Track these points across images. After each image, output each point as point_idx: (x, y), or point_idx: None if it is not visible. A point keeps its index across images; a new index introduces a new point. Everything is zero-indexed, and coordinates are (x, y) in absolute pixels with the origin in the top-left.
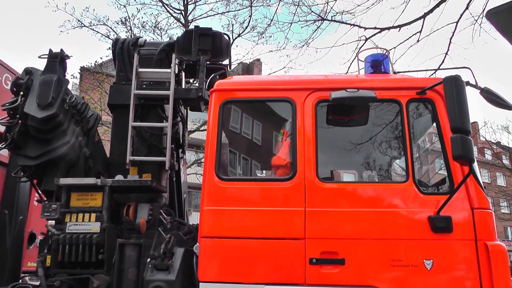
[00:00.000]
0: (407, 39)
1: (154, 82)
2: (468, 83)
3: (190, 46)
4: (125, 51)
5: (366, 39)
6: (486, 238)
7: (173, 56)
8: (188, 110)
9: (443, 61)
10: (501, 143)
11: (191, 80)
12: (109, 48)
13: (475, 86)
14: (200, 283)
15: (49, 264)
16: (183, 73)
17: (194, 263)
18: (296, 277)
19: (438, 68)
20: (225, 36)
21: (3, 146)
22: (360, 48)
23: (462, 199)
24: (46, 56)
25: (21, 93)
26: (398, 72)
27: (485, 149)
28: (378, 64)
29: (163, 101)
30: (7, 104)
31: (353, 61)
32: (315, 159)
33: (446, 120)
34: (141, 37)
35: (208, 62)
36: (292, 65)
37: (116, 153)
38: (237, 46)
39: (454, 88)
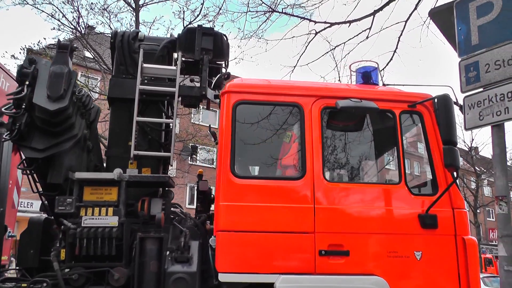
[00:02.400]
0: (357, 35)
1: (154, 77)
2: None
3: (192, 44)
4: (125, 44)
5: (316, 33)
6: (463, 233)
7: (179, 54)
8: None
9: (391, 59)
10: None
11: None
12: (54, 28)
13: (456, 103)
14: (219, 274)
15: (64, 258)
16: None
17: (210, 256)
18: (307, 267)
19: (423, 85)
20: (225, 37)
21: (8, 137)
22: (309, 41)
23: (445, 200)
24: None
25: (27, 82)
26: (388, 85)
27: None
28: (368, 75)
29: (165, 97)
30: (13, 94)
31: (302, 54)
32: (321, 161)
33: (432, 131)
34: (140, 31)
35: None
36: (243, 57)
37: (114, 146)
38: None
39: (444, 105)
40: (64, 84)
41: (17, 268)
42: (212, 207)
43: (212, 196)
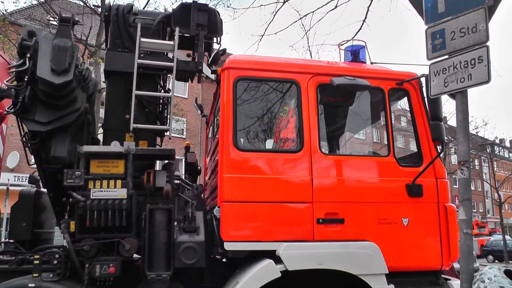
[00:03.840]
0: (326, 4)
1: (150, 52)
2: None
3: (187, 19)
4: (120, 18)
5: (284, 2)
6: (445, 201)
7: (177, 29)
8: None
9: (360, 28)
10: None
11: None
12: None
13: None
14: (224, 243)
15: (73, 230)
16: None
17: (215, 225)
18: (306, 234)
19: (410, 64)
20: (218, 14)
21: (11, 110)
22: (277, 10)
23: (429, 171)
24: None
25: (28, 55)
26: (375, 63)
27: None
28: (356, 53)
29: (161, 71)
30: (15, 67)
31: (270, 22)
32: (317, 135)
33: (417, 107)
34: (134, 5)
35: None
36: None
37: (111, 119)
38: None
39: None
40: (68, 58)
41: (10, 241)
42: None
43: (199, 168)
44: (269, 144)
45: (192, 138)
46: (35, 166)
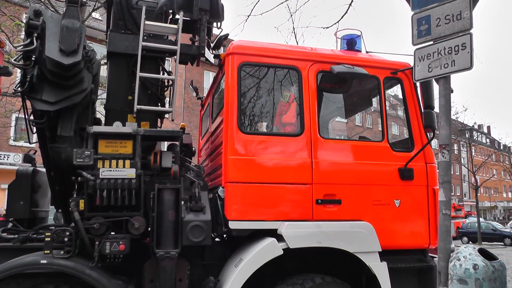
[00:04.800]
0: None
1: (153, 34)
2: None
3: (190, 4)
4: (123, 0)
5: None
6: (433, 184)
7: (181, 13)
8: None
9: (346, 12)
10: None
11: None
12: None
13: None
14: (229, 222)
15: (83, 208)
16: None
17: (219, 205)
18: (306, 214)
19: (403, 54)
20: None
21: (19, 89)
22: None
23: (420, 156)
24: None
25: (35, 35)
26: (370, 52)
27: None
28: (352, 42)
29: (164, 54)
30: (22, 46)
31: (257, 3)
32: (317, 120)
33: (410, 95)
34: None
35: None
36: None
37: (113, 100)
38: None
39: None
40: (77, 39)
41: (9, 220)
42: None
43: (194, 149)
44: (272, 127)
45: (176, 118)
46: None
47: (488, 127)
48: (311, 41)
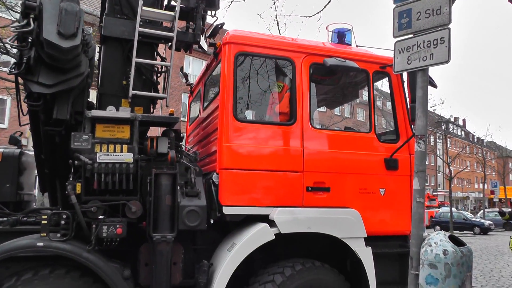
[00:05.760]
0: None
1: (148, 20)
2: None
3: None
4: None
5: None
6: None
7: (178, 0)
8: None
9: (329, 1)
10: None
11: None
12: None
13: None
14: (223, 207)
15: (79, 192)
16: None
17: (213, 191)
18: (297, 201)
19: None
20: None
21: (14, 70)
22: None
23: (404, 147)
24: None
25: (32, 16)
26: (360, 46)
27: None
28: (343, 36)
29: (160, 41)
30: (18, 27)
31: None
32: (309, 110)
33: (397, 89)
34: None
35: None
36: None
37: (107, 84)
38: None
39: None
40: (76, 22)
41: None
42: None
43: (182, 135)
44: (266, 116)
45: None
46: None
47: (464, 120)
48: (294, 30)
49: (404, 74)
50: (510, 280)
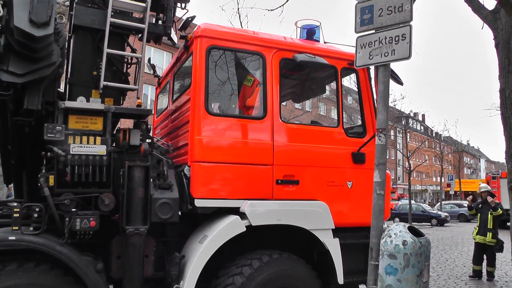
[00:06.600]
0: None
1: (119, 11)
2: None
3: None
4: None
5: None
6: None
7: None
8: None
9: None
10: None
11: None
12: None
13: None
14: (194, 200)
15: (52, 184)
16: None
17: (185, 183)
18: (267, 193)
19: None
20: None
21: None
22: None
23: (372, 142)
24: None
25: (1, 2)
26: (328, 42)
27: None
28: (312, 32)
29: (131, 31)
30: None
31: None
32: (279, 104)
33: (364, 86)
34: None
35: None
36: None
37: (77, 74)
38: None
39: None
40: (49, 11)
41: None
42: None
43: (149, 127)
44: (236, 110)
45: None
46: None
47: (423, 115)
48: (255, 23)
49: (372, 71)
50: (462, 269)
